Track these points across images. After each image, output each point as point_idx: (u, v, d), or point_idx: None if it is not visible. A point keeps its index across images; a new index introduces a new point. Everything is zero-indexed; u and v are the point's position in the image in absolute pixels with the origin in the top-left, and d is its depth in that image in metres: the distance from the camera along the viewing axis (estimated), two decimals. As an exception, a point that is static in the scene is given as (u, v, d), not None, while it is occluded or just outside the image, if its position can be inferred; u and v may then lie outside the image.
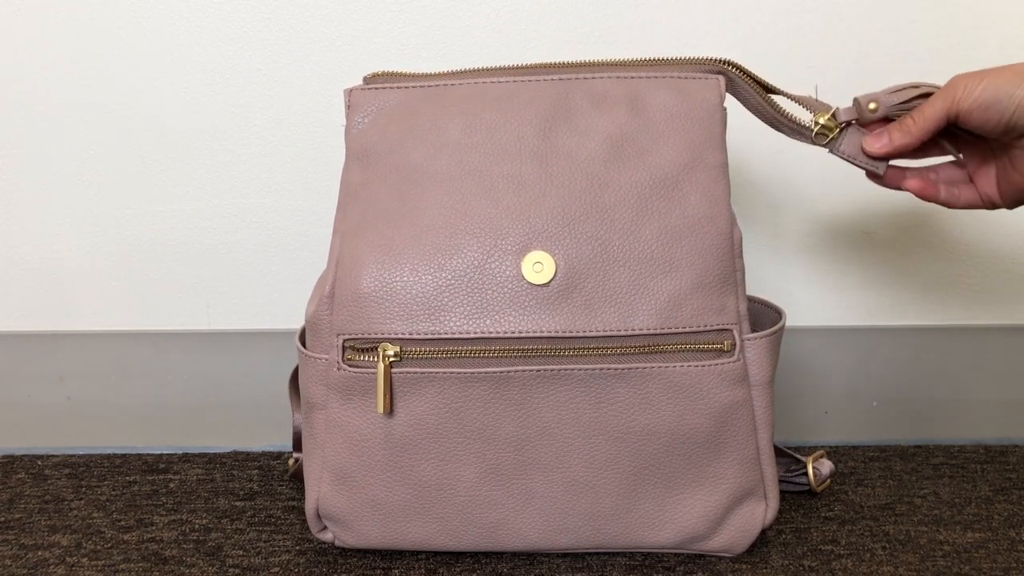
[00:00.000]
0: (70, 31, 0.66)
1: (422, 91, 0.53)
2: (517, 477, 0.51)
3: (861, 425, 0.73)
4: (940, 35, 0.66)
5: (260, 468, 0.70)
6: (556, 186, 0.50)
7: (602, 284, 0.49)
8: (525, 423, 0.50)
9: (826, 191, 0.70)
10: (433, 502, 0.52)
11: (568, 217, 0.49)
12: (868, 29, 0.66)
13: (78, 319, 0.73)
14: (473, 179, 0.50)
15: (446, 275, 0.49)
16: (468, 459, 0.51)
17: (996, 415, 0.73)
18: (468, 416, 0.50)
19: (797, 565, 0.55)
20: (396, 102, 0.53)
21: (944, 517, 0.61)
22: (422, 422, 0.50)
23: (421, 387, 0.50)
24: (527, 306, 0.49)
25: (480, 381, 0.49)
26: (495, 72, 0.53)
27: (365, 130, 0.53)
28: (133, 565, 0.56)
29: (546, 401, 0.50)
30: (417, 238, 0.50)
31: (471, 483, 0.51)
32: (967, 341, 0.72)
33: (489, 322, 0.49)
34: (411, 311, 0.49)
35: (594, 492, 0.51)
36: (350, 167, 0.53)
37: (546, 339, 0.49)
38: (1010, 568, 0.55)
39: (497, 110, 0.51)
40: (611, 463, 0.51)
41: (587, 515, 0.52)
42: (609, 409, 0.50)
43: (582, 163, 0.50)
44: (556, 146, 0.51)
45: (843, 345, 0.72)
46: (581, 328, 0.49)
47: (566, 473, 0.51)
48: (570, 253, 0.49)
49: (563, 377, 0.49)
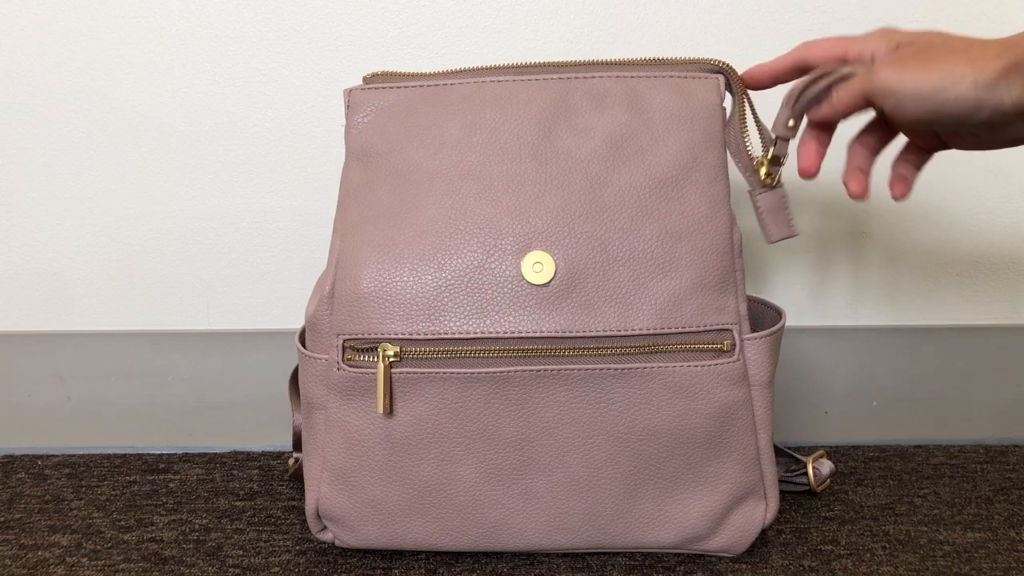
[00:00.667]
0: (70, 31, 0.66)
1: (422, 91, 0.53)
2: (517, 477, 0.51)
3: (861, 425, 0.73)
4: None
5: (260, 468, 0.70)
6: (556, 186, 0.50)
7: (602, 284, 0.49)
8: (525, 423, 0.50)
9: (826, 191, 0.70)
10: (433, 502, 0.52)
11: (568, 217, 0.49)
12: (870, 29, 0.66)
13: (78, 319, 0.73)
14: (473, 179, 0.50)
15: (446, 275, 0.49)
16: (468, 459, 0.51)
17: (996, 415, 0.73)
18: (468, 416, 0.50)
19: (797, 565, 0.55)
20: (396, 102, 0.53)
21: (944, 517, 0.61)
22: (422, 422, 0.50)
23: (421, 387, 0.50)
24: (527, 306, 0.49)
25: (480, 381, 0.49)
26: (495, 71, 0.53)
27: (365, 130, 0.53)
28: (133, 565, 0.56)
29: (546, 401, 0.50)
30: (417, 238, 0.50)
31: (471, 483, 0.51)
32: (967, 341, 0.72)
33: (489, 322, 0.49)
34: (411, 311, 0.49)
35: (594, 492, 0.51)
36: (350, 167, 0.53)
37: (546, 339, 0.49)
38: (1010, 568, 0.55)
39: (497, 109, 0.51)
40: (611, 463, 0.51)
41: (587, 515, 0.52)
42: (609, 409, 0.50)
43: (582, 163, 0.50)
44: (556, 146, 0.51)
45: (843, 345, 0.72)
46: (581, 328, 0.49)
47: (566, 473, 0.51)
48: (570, 253, 0.49)
49: (563, 377, 0.49)
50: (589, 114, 0.51)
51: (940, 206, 0.70)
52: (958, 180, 0.70)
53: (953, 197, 0.70)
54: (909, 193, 0.51)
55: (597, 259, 0.49)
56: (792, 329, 0.71)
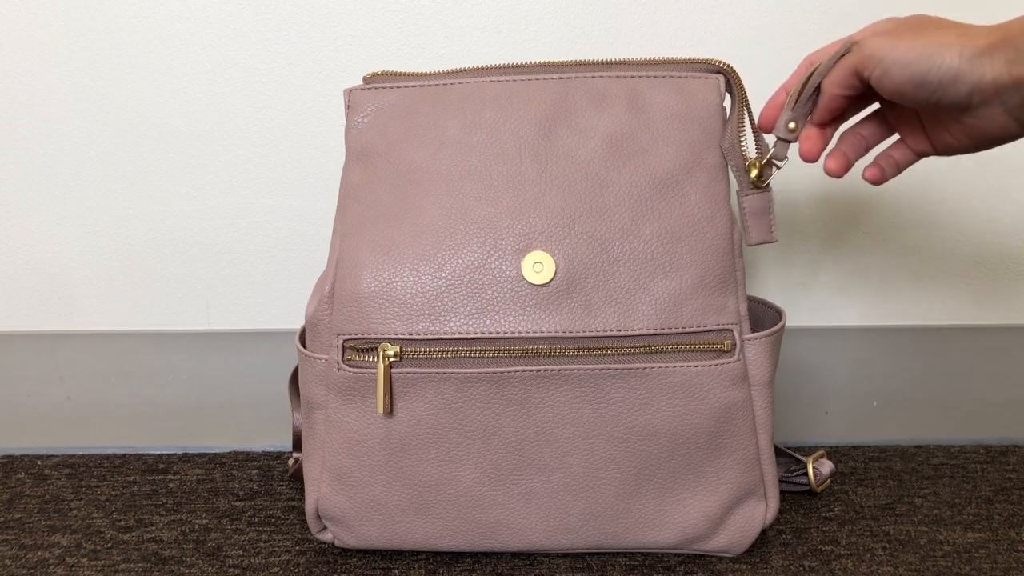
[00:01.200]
0: (70, 31, 0.66)
1: (422, 91, 0.53)
2: (517, 477, 0.51)
3: (861, 425, 0.73)
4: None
5: (260, 468, 0.70)
6: (556, 186, 0.50)
7: (602, 284, 0.49)
8: (525, 423, 0.50)
9: (826, 191, 0.70)
10: (433, 502, 0.52)
11: (568, 217, 0.49)
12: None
13: (78, 319, 0.73)
14: (473, 179, 0.50)
15: (446, 275, 0.49)
16: (468, 459, 0.51)
17: (996, 415, 0.73)
18: (468, 416, 0.50)
19: (797, 565, 0.55)
20: (396, 102, 0.53)
21: (944, 517, 0.61)
22: (422, 422, 0.50)
23: (421, 387, 0.50)
24: (527, 306, 0.49)
25: (480, 381, 0.49)
26: (495, 71, 0.53)
27: (365, 130, 0.53)
28: (133, 565, 0.56)
29: (546, 401, 0.50)
30: (417, 238, 0.50)
31: (471, 483, 0.51)
32: (967, 341, 0.72)
33: (489, 322, 0.49)
34: (411, 311, 0.49)
35: (594, 492, 0.51)
36: (350, 167, 0.53)
37: (546, 339, 0.49)
38: (1010, 568, 0.55)
39: (497, 109, 0.51)
40: (611, 463, 0.51)
41: (587, 515, 0.52)
42: (609, 409, 0.50)
43: (582, 163, 0.50)
44: (556, 146, 0.51)
45: (843, 345, 0.72)
46: (581, 328, 0.49)
47: (566, 473, 0.51)
48: (570, 253, 0.49)
49: (563, 377, 0.49)
50: (589, 114, 0.51)
51: (940, 206, 0.70)
52: (958, 180, 0.70)
53: (953, 197, 0.70)
54: (879, 180, 0.51)
55: (597, 259, 0.49)
56: (792, 329, 0.71)
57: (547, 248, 0.49)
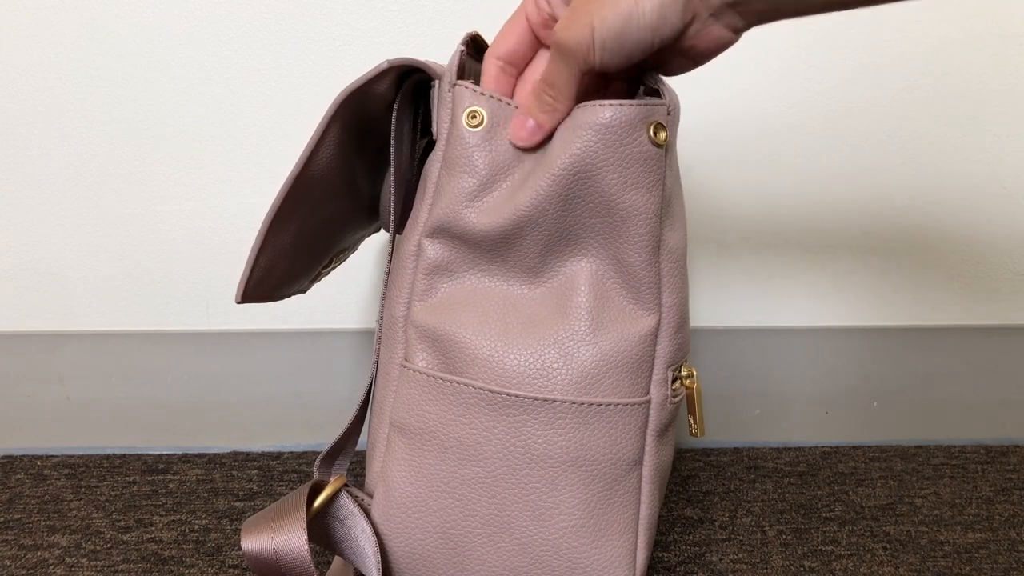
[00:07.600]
0: (70, 31, 0.66)
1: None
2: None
3: (861, 425, 0.73)
4: (942, 35, 0.66)
5: (259, 468, 0.70)
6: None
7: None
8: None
9: (826, 190, 0.70)
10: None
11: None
12: (873, 30, 0.66)
13: (78, 319, 0.73)
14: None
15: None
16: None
17: (996, 415, 0.73)
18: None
19: (797, 565, 0.55)
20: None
21: (945, 518, 0.61)
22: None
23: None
24: None
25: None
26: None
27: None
28: (133, 565, 0.56)
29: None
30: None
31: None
32: (967, 341, 0.72)
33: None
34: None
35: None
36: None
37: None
38: (1011, 569, 0.55)
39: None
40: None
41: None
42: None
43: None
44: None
45: (843, 345, 0.72)
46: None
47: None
48: None
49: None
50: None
51: (940, 206, 0.70)
52: (958, 180, 0.70)
53: (953, 197, 0.70)
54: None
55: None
56: (792, 329, 0.71)
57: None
